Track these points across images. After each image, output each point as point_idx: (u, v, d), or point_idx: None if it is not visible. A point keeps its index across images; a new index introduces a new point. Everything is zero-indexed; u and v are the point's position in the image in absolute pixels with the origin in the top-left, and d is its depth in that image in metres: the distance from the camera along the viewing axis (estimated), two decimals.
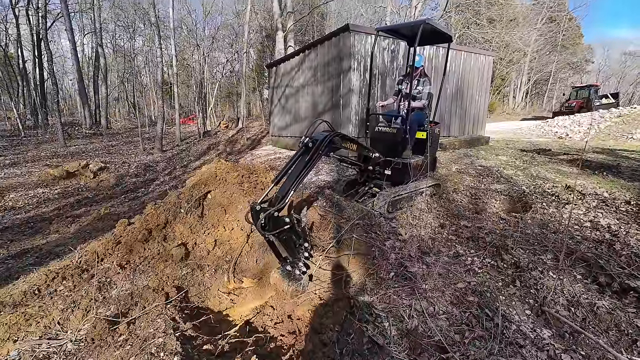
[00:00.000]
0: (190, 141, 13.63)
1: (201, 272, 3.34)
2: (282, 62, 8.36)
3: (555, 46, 32.29)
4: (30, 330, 2.51)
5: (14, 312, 2.70)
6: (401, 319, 2.08)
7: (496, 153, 6.77)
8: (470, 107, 8.78)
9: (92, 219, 5.21)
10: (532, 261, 2.62)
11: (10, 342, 2.50)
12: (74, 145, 11.04)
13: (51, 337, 2.54)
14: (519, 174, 4.96)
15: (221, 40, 19.62)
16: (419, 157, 3.95)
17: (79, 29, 22.45)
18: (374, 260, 2.80)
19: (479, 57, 8.63)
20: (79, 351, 2.32)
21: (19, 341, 2.37)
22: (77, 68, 14.35)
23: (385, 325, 2.06)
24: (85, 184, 7.45)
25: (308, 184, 5.32)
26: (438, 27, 3.57)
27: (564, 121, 12.50)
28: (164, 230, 3.79)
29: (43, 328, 2.61)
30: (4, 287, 3.14)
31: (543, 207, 3.66)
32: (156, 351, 2.03)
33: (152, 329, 2.47)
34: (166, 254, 3.46)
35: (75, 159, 8.88)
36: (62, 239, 4.56)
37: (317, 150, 2.78)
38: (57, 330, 2.48)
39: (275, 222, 2.50)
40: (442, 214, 3.68)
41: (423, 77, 3.99)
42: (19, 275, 3.39)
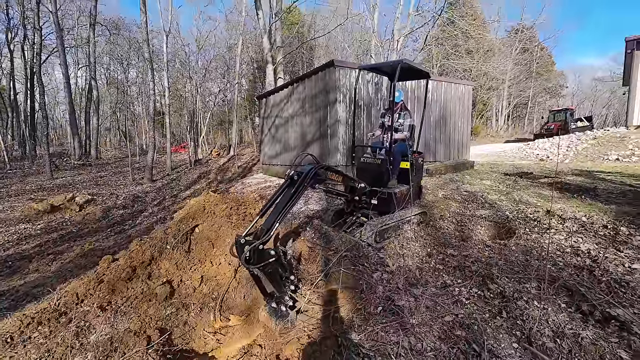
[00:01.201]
0: (181, 170, 13.62)
1: (186, 312, 3.24)
2: (272, 93, 8.68)
3: (531, 73, 34.46)
4: None
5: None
6: (389, 358, 2.05)
7: (481, 177, 6.97)
8: (454, 133, 9.14)
9: (74, 255, 5.05)
10: (517, 290, 2.65)
11: None
12: (61, 177, 10.88)
13: None
14: (502, 199, 5.10)
15: (214, 71, 20.32)
16: (404, 187, 4.06)
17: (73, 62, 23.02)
18: (362, 293, 2.79)
19: (458, 87, 9.13)
20: None
21: None
22: (69, 100, 14.53)
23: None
24: (71, 217, 7.28)
25: (297, 213, 5.34)
26: (415, 65, 3.84)
27: (544, 144, 13.07)
28: (149, 267, 3.71)
29: None
30: None
31: (526, 232, 3.74)
32: None
33: None
34: (150, 293, 3.36)
35: (61, 192, 8.73)
36: (41, 278, 4.38)
37: (302, 183, 2.86)
38: None
39: (260, 255, 2.50)
40: (429, 242, 3.72)
41: (404, 111, 4.20)
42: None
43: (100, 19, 20.15)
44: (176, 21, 21.10)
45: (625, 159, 9.46)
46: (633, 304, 2.33)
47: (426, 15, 12.89)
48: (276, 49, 12.15)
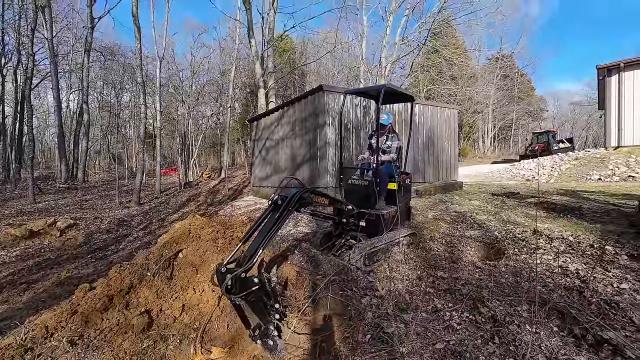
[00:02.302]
0: (171, 193, 13.40)
1: (164, 344, 3.04)
2: (263, 117, 8.81)
3: (513, 98, 36.19)
4: None
5: None
6: None
7: (469, 198, 7.04)
8: (442, 155, 9.35)
9: (49, 284, 4.77)
10: (508, 314, 2.59)
11: None
12: (44, 201, 10.55)
13: None
14: (491, 219, 5.12)
15: (207, 94, 20.69)
16: (392, 208, 4.05)
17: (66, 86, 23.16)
18: (350, 320, 2.67)
19: (444, 110, 9.46)
20: None
21: None
22: (59, 124, 14.45)
23: None
24: (50, 243, 6.97)
25: (286, 236, 5.23)
26: (398, 89, 3.98)
27: (529, 164, 13.45)
28: (127, 296, 3.52)
29: None
30: None
31: (515, 253, 3.73)
32: None
33: None
34: (126, 324, 3.16)
35: (42, 216, 8.42)
36: (10, 310, 4.09)
37: (286, 207, 2.81)
38: None
39: (242, 283, 2.41)
40: (419, 264, 3.65)
41: (392, 133, 4.29)
42: None
43: (96, 45, 20.59)
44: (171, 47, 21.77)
45: (607, 179, 9.76)
46: (624, 326, 2.29)
47: (411, 44, 13.62)
48: (268, 74, 12.52)
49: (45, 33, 14.51)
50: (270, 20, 12.52)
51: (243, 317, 2.50)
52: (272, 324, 2.50)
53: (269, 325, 2.47)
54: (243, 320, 2.49)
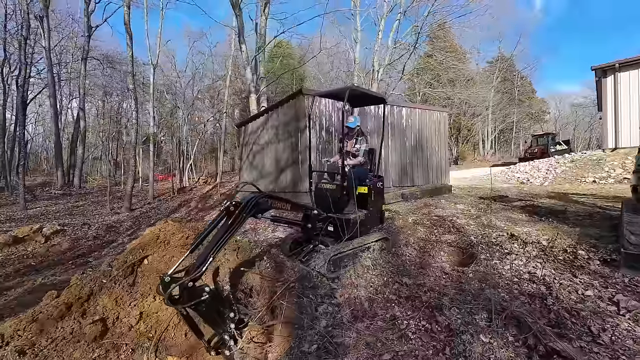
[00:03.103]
0: (164, 198, 13.42)
1: (116, 354, 2.95)
2: (250, 121, 8.81)
3: (513, 100, 35.97)
4: None
5: None
6: None
7: (455, 202, 6.92)
8: (431, 158, 9.24)
9: (22, 291, 4.72)
10: (465, 322, 2.47)
11: None
12: (36, 207, 10.61)
13: None
14: (471, 223, 5.00)
15: (204, 100, 20.86)
16: (361, 212, 3.96)
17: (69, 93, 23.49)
18: (301, 329, 2.58)
19: (433, 114, 9.38)
20: None
21: None
22: (56, 132, 14.64)
23: None
24: (34, 250, 6.96)
25: (261, 241, 5.16)
26: (366, 91, 3.92)
27: (524, 167, 13.25)
28: (86, 304, 3.44)
29: None
30: None
31: (487, 258, 3.61)
32: None
33: None
34: (80, 332, 3.08)
35: (31, 223, 8.44)
36: None
37: (239, 214, 2.73)
38: None
39: (191, 292, 2.32)
40: (386, 270, 3.55)
41: (360, 136, 4.22)
42: None
43: (95, 53, 20.93)
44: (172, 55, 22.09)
45: (602, 181, 9.56)
46: (581, 335, 2.17)
47: (402, 48, 13.61)
48: (259, 79, 12.57)
49: (43, 42, 14.78)
50: (262, 26, 12.62)
51: (193, 328, 2.40)
52: (228, 333, 2.43)
53: (224, 335, 2.41)
54: (194, 330, 2.39)
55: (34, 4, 15.41)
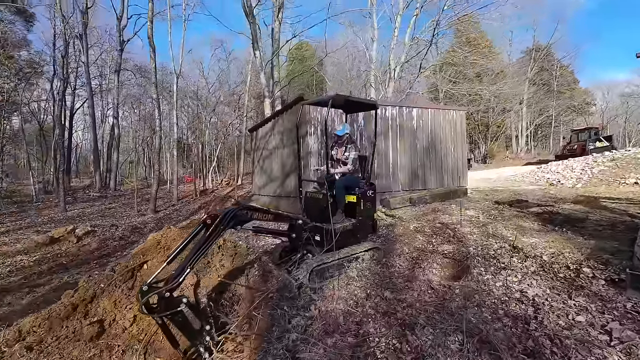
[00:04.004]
0: (187, 200, 14.17)
1: (109, 354, 3.18)
2: (260, 126, 9.01)
3: (551, 92, 33.18)
4: None
5: None
6: None
7: (467, 207, 6.56)
8: (446, 159, 8.84)
9: (49, 289, 5.26)
10: (436, 344, 2.36)
11: None
12: (75, 209, 11.70)
13: None
14: (474, 232, 4.72)
15: (225, 105, 21.68)
16: (349, 222, 3.91)
17: (111, 102, 25.60)
18: (269, 343, 2.61)
19: (448, 113, 8.96)
20: None
21: None
22: (94, 139, 16.04)
23: None
24: (67, 249, 7.69)
25: (260, 246, 5.27)
26: (354, 99, 3.85)
27: (556, 166, 12.19)
28: (89, 305, 3.74)
29: None
30: None
31: (480, 272, 3.40)
32: None
33: None
34: (80, 332, 3.36)
35: (68, 224, 9.33)
36: (8, 312, 4.58)
37: (217, 227, 2.82)
38: None
39: (168, 303, 2.42)
40: (371, 282, 3.47)
41: (350, 144, 4.16)
42: None
43: (129, 65, 22.59)
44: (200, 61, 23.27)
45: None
46: None
47: (420, 45, 13.12)
48: (274, 84, 12.80)
49: (82, 58, 16.22)
50: (276, 32, 12.83)
51: (169, 337, 2.49)
52: (203, 345, 2.50)
53: (200, 347, 2.48)
54: (170, 339, 2.49)
55: (77, 23, 17.02)
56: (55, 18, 15.01)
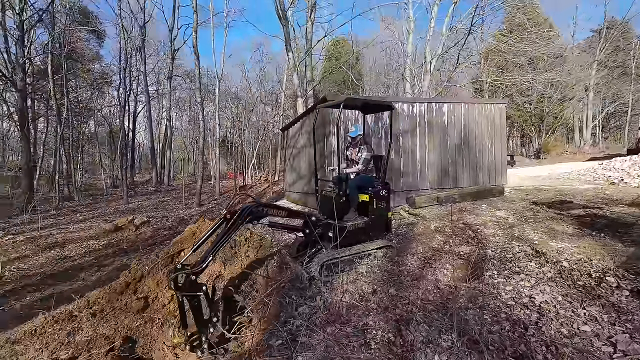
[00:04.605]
0: (227, 195, 15.32)
1: (151, 325, 3.80)
2: (290, 126, 9.41)
3: (627, 75, 28.61)
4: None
5: (8, 348, 3.49)
6: None
7: (498, 207, 6.22)
8: (481, 156, 8.37)
9: (112, 269, 6.28)
10: (427, 341, 2.46)
11: None
12: (134, 202, 13.43)
13: None
14: (498, 234, 4.53)
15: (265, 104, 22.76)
16: (361, 220, 4.05)
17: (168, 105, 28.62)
18: (276, 326, 2.92)
19: (484, 107, 8.44)
20: None
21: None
22: (150, 139, 18.09)
23: None
24: (127, 236, 8.96)
25: (284, 239, 5.64)
26: (365, 100, 3.95)
27: (622, 163, 10.66)
28: (138, 283, 4.44)
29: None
30: (18, 325, 4.05)
31: (492, 275, 3.33)
32: None
33: None
34: (130, 305, 4.05)
35: (129, 214, 10.80)
36: (81, 286, 5.60)
37: (235, 221, 3.21)
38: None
39: (191, 285, 2.86)
40: (379, 279, 3.61)
41: (362, 145, 4.28)
42: (32, 317, 4.28)
43: (180, 72, 24.80)
44: (243, 62, 24.85)
45: None
46: None
47: (460, 34, 12.37)
48: (307, 83, 13.15)
49: (141, 67, 18.30)
50: (309, 32, 13.13)
51: (182, 316, 2.85)
52: (205, 336, 2.78)
53: (202, 337, 2.76)
54: (181, 319, 2.86)
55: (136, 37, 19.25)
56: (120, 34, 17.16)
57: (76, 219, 10.59)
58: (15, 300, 5.17)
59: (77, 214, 11.39)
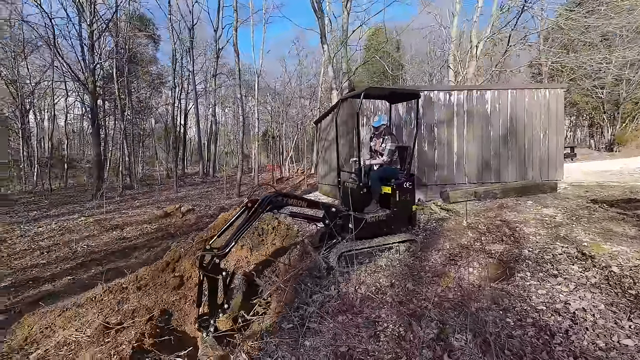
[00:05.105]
0: (264, 187, 15.98)
1: (184, 301, 4.19)
2: (323, 118, 9.43)
3: None
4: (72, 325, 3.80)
5: (73, 310, 4.10)
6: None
7: (547, 204, 5.58)
8: (531, 148, 7.55)
9: (159, 250, 7.01)
10: (438, 338, 2.36)
11: (60, 330, 3.84)
12: (183, 191, 14.72)
13: (78, 329, 3.76)
14: (540, 233, 4.09)
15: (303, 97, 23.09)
16: (383, 212, 3.95)
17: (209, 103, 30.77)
18: (289, 311, 3.02)
19: (538, 92, 7.55)
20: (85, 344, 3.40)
21: (62, 332, 3.67)
22: (198, 133, 19.55)
23: None
24: (174, 222, 9.89)
25: (306, 231, 5.75)
26: (392, 89, 3.80)
27: None
28: (176, 263, 4.91)
29: (78, 324, 3.86)
30: (79, 294, 4.74)
31: (524, 277, 3.04)
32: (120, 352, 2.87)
33: (125, 337, 3.39)
34: (168, 282, 4.50)
35: (176, 203, 11.90)
36: (134, 262, 6.36)
37: (256, 210, 3.37)
38: (82, 329, 3.65)
39: (213, 267, 3.10)
40: (398, 272, 3.52)
41: (386, 135, 4.14)
42: (93, 286, 4.96)
43: (224, 70, 26.23)
44: (283, 58, 25.48)
45: None
46: None
47: (512, 13, 11.11)
48: (343, 74, 13.00)
49: (190, 67, 19.76)
50: (344, 22, 12.91)
51: (199, 294, 3.05)
52: (213, 319, 2.94)
53: (210, 320, 2.91)
54: (198, 296, 3.07)
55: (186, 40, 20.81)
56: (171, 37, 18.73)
57: (134, 205, 11.99)
58: (83, 272, 6.06)
59: (135, 201, 12.87)
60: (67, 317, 4.07)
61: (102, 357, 3.06)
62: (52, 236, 8.19)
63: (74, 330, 3.77)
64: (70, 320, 4.00)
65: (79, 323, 3.92)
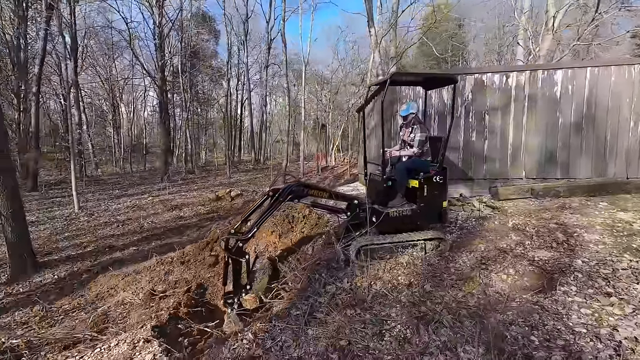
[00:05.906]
0: (309, 175, 16.33)
1: (218, 278, 4.61)
2: (365, 106, 9.11)
3: None
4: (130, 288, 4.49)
5: (132, 276, 4.83)
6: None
7: (627, 207, 4.62)
8: (615, 139, 6.23)
9: (207, 230, 7.77)
10: (444, 347, 2.20)
11: (121, 291, 4.56)
12: (234, 177, 15.90)
13: (133, 292, 4.42)
14: (604, 242, 3.42)
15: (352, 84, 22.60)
16: (408, 207, 3.72)
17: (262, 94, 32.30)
18: (301, 298, 3.10)
19: (629, 70, 6.15)
20: (136, 305, 4.00)
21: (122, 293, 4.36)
22: (250, 123, 20.71)
23: None
24: (224, 205, 10.80)
25: (334, 222, 5.72)
26: (422, 74, 3.47)
27: None
28: (214, 244, 5.40)
29: (134, 288, 4.53)
30: (139, 263, 5.54)
31: (567, 291, 2.60)
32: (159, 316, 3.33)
33: (165, 304, 3.89)
34: (205, 260, 4.99)
35: (228, 187, 12.93)
36: (185, 239, 7.17)
37: (277, 199, 3.51)
38: (136, 292, 4.29)
39: (237, 250, 3.37)
40: (419, 272, 3.32)
41: (416, 124, 3.83)
42: (150, 257, 5.71)
43: (276, 60, 27.00)
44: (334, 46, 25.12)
45: None
46: None
47: None
48: (390, 59, 12.33)
49: (244, 58, 20.85)
50: (394, 2, 12.10)
51: (225, 274, 3.33)
52: (237, 298, 3.23)
53: (234, 298, 3.21)
54: (224, 276, 3.36)
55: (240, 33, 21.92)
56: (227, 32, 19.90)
57: (192, 188, 13.41)
58: (145, 244, 7.05)
59: (194, 185, 14.37)
60: (127, 281, 4.83)
61: (145, 319, 3.57)
62: (126, 212, 9.68)
63: (130, 293, 4.46)
64: (129, 284, 4.74)
65: (135, 287, 4.62)
